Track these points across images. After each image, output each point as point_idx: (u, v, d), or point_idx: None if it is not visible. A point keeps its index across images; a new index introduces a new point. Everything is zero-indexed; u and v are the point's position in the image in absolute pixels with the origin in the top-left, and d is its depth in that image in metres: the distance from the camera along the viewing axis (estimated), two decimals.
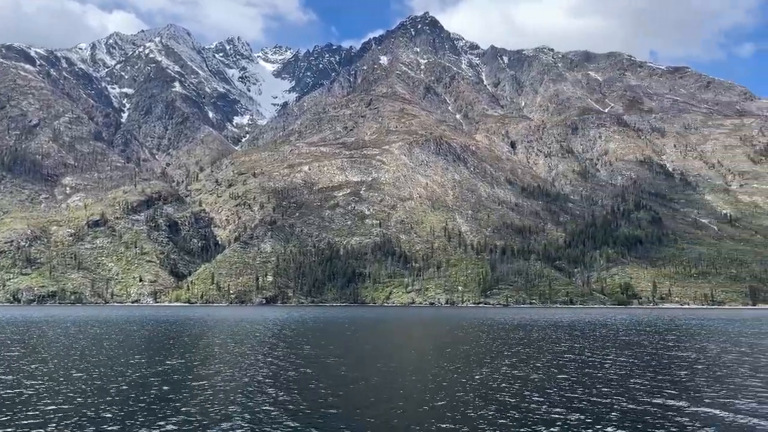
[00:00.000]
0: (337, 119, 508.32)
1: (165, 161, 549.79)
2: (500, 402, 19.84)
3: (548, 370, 27.97)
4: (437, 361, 32.47)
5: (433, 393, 21.61)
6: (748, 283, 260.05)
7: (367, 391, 21.99)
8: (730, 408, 18.73)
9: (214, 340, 46.32)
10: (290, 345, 42.09)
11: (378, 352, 37.87)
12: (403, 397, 20.71)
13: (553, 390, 22.20)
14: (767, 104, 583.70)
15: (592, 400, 19.93)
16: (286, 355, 34.73)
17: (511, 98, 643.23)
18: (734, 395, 21.25)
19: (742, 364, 31.21)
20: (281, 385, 23.27)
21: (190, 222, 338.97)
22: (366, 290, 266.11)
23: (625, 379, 24.82)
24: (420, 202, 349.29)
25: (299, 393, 21.56)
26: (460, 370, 28.05)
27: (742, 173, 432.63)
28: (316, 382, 24.17)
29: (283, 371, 27.58)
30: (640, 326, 74.34)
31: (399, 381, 24.66)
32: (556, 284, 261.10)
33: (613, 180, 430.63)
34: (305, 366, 29.66)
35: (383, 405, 19.33)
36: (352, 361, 32.11)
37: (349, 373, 27.08)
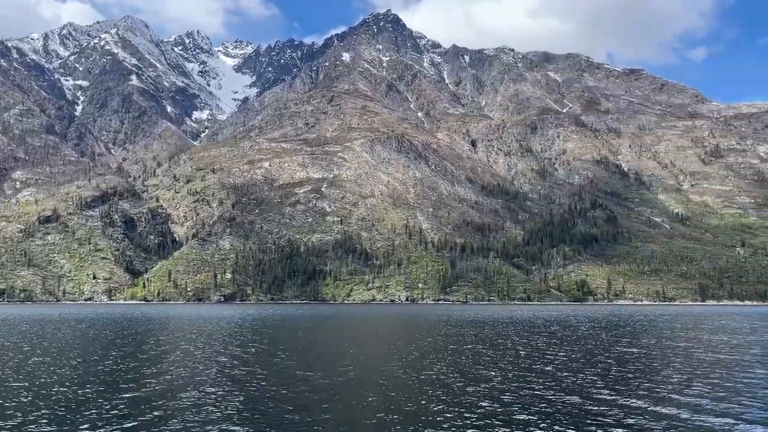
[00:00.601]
0: (298, 115, 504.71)
1: (121, 156, 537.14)
2: (445, 400, 19.84)
3: (495, 366, 28.18)
4: (390, 358, 32.41)
5: (383, 391, 21.51)
6: (698, 281, 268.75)
7: (317, 390, 21.74)
8: (658, 399, 19.14)
9: (162, 339, 45.34)
10: (242, 343, 41.49)
11: (331, 349, 37.62)
12: (352, 396, 20.53)
13: (496, 386, 22.34)
14: (717, 107, 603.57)
15: (534, 395, 20.12)
16: (237, 355, 34.18)
17: (472, 97, 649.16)
18: (666, 388, 21.74)
19: (676, 357, 32.04)
20: (226, 386, 22.82)
21: (146, 218, 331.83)
22: (327, 288, 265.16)
23: (563, 373, 25.17)
24: (381, 199, 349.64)
25: (245, 393, 21.17)
26: (411, 367, 28.03)
27: (693, 173, 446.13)
28: (264, 382, 23.80)
29: (231, 370, 27.09)
30: (590, 322, 75.87)
31: (350, 379, 24.47)
32: (514, 281, 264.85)
33: (570, 179, 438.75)
34: (255, 365, 29.21)
35: (333, 404, 19.12)
36: (304, 359, 31.78)
37: (300, 371, 26.76)
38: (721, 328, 62.58)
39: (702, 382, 23.65)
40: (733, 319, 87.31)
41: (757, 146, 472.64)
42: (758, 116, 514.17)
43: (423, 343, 42.60)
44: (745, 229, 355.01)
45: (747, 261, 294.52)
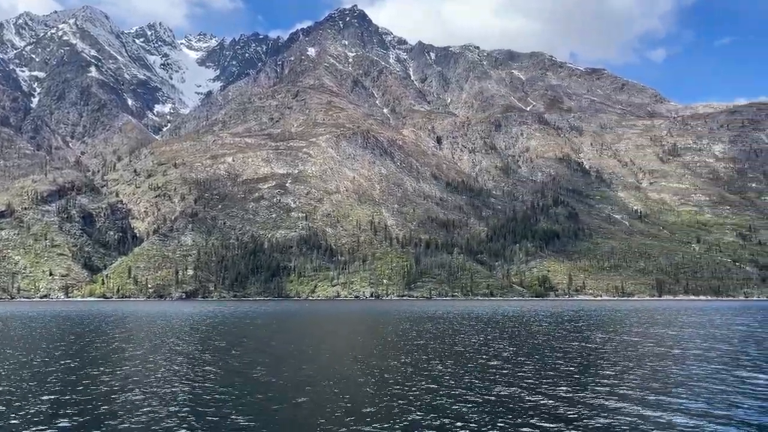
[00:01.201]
0: (262, 110, 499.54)
1: (80, 150, 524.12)
2: (393, 396, 19.70)
3: (448, 362, 28.19)
4: (346, 356, 32.18)
5: (338, 387, 21.26)
6: (655, 276, 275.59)
7: (264, 390, 21.36)
8: (599, 391, 19.35)
9: (116, 337, 44.22)
10: (196, 341, 40.73)
11: (287, 347, 37.18)
12: (307, 394, 20.22)
13: (448, 382, 22.31)
14: (675, 107, 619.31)
15: (481, 389, 20.13)
16: (188, 353, 33.48)
17: (437, 94, 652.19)
18: (606, 380, 22.03)
19: (626, 351, 32.60)
20: (172, 385, 22.26)
21: (105, 213, 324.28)
22: (291, 284, 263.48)
23: (511, 367, 25.31)
24: (347, 195, 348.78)
25: (190, 393, 20.66)
26: (367, 365, 27.85)
27: (652, 172, 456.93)
28: (212, 382, 23.31)
29: (180, 369, 26.47)
30: (546, 317, 76.94)
31: (308, 376, 24.15)
32: (477, 277, 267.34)
33: (533, 176, 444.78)
34: (206, 364, 28.63)
35: (279, 404, 18.79)
36: (257, 358, 31.30)
37: (250, 370, 26.30)
38: (670, 323, 64.11)
39: (641, 375, 24.03)
40: (685, 314, 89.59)
41: (713, 145, 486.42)
42: (714, 116, 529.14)
43: (382, 340, 42.49)
44: (701, 226, 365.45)
45: (702, 257, 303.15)
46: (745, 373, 24.40)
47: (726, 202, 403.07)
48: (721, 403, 18.19)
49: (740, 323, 62.96)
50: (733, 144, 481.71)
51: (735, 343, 38.81)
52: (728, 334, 46.95)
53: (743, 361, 28.50)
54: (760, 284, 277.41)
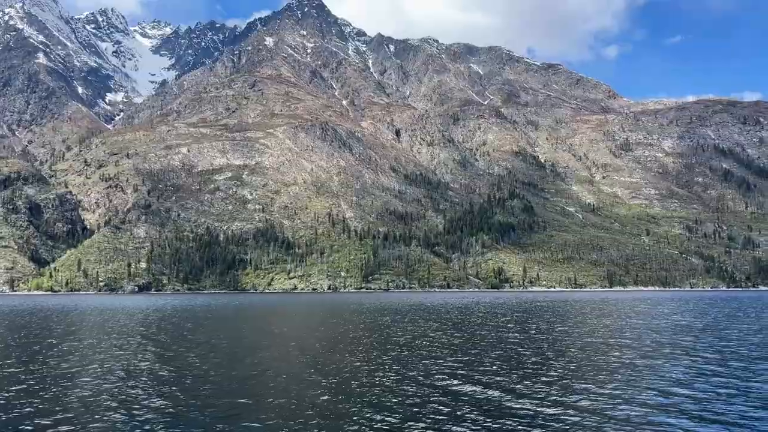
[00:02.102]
0: (218, 100, 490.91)
1: (27, 138, 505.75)
2: (334, 389, 19.60)
3: (394, 354, 28.25)
4: (291, 350, 31.93)
5: (280, 381, 21.03)
6: (606, 268, 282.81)
7: (214, 384, 20.97)
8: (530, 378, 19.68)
9: (56, 333, 42.86)
10: (145, 336, 39.83)
11: (234, 343, 36.68)
12: (249, 387, 19.92)
13: (385, 373, 22.33)
14: (627, 103, 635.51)
15: (417, 380, 20.20)
16: (139, 347, 32.68)
17: (396, 87, 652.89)
18: (545, 371, 22.43)
19: (553, 341, 33.31)
20: (107, 383, 21.66)
21: (54, 204, 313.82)
22: (247, 277, 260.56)
23: (447, 357, 25.51)
24: (305, 187, 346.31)
25: (141, 389, 20.12)
26: (313, 359, 27.67)
27: (605, 166, 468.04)
28: (149, 379, 22.77)
29: (115, 366, 25.80)
30: (490, 308, 78.07)
31: (251, 370, 23.82)
32: (434, 269, 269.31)
33: (490, 170, 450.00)
34: (146, 360, 27.99)
35: (230, 396, 18.46)
36: (200, 353, 30.77)
37: (190, 367, 25.83)
38: (610, 313, 65.81)
39: (568, 364, 24.55)
40: (622, 305, 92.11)
41: (662, 141, 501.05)
42: (663, 113, 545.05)
43: (332, 333, 42.35)
44: (650, 219, 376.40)
45: (651, 249, 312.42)
46: (657, 362, 25.20)
47: (674, 195, 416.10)
48: (632, 389, 18.68)
49: (667, 312, 65.09)
50: (682, 139, 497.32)
51: (656, 333, 40.04)
52: (653, 323, 48.44)
53: (655, 351, 29.42)
54: (704, 275, 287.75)
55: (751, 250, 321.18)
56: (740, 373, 21.73)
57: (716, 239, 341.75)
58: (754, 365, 23.84)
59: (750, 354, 27.46)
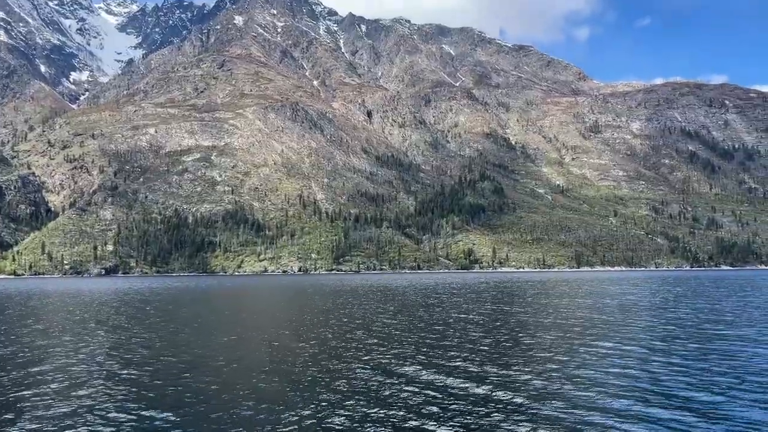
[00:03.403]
0: (186, 80, 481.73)
1: None
2: (292, 374, 19.44)
3: (349, 335, 28.21)
4: (252, 334, 31.69)
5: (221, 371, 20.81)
6: (574, 248, 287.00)
7: (157, 372, 20.63)
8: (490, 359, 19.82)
9: (23, 317, 41.89)
10: (102, 320, 39.12)
11: (198, 320, 36.25)
12: (203, 370, 19.65)
13: (347, 354, 22.27)
14: (597, 85, 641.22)
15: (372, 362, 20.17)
16: (95, 330, 32.05)
17: (368, 67, 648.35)
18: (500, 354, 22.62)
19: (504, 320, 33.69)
20: (80, 367, 21.18)
21: (16, 186, 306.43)
22: (216, 259, 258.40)
23: (402, 337, 25.58)
24: (275, 169, 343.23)
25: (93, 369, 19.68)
26: (277, 341, 27.47)
27: (574, 147, 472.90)
28: (105, 363, 22.35)
29: (86, 347, 25.26)
30: (454, 288, 78.73)
31: (211, 352, 23.51)
32: (405, 251, 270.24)
33: (461, 151, 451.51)
34: (103, 345, 27.47)
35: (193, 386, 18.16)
36: (159, 336, 30.32)
37: (148, 351, 25.43)
38: (565, 293, 66.85)
39: (527, 344, 24.81)
40: (582, 284, 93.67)
41: (631, 123, 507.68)
42: (632, 95, 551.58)
43: (298, 315, 42.16)
44: (618, 200, 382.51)
45: (618, 230, 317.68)
46: (593, 341, 25.61)
47: (641, 177, 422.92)
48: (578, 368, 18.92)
49: (626, 292, 66.39)
50: (649, 122, 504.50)
51: (608, 312, 40.75)
52: (602, 303, 49.31)
53: (598, 329, 29.91)
54: (669, 255, 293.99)
55: (714, 231, 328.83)
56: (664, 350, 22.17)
57: (681, 220, 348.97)
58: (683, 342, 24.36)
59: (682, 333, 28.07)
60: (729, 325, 30.49)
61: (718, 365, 19.23)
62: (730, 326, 30.10)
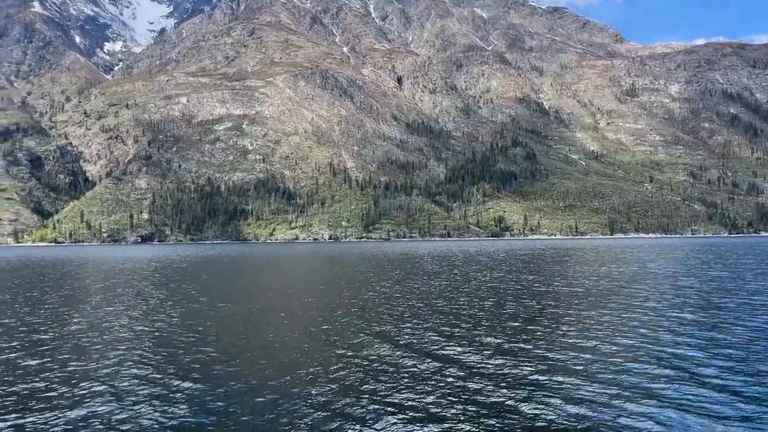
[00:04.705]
0: (217, 48, 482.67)
1: (25, 90, 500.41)
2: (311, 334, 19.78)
3: (371, 302, 28.44)
4: (283, 300, 32.18)
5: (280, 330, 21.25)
6: (608, 215, 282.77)
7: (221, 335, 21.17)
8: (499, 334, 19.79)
9: (75, 282, 43.34)
10: (158, 286, 40.19)
11: (241, 290, 36.99)
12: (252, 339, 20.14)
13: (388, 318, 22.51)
14: (634, 47, 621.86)
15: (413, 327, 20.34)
16: (149, 296, 32.97)
17: (398, 32, 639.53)
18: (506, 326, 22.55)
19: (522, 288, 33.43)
20: (136, 330, 21.91)
21: (55, 156, 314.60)
22: (249, 227, 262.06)
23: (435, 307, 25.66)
24: (305, 137, 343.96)
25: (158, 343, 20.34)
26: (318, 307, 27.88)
27: (609, 112, 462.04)
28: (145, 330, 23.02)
29: (128, 314, 26.07)
30: (470, 256, 78.38)
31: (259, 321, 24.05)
32: (435, 218, 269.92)
33: (493, 117, 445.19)
34: (155, 308, 28.27)
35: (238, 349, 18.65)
36: (206, 300, 31.02)
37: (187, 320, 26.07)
38: (597, 260, 65.99)
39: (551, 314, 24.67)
40: (619, 251, 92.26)
41: (669, 86, 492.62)
42: (671, 57, 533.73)
43: (330, 280, 42.66)
44: (654, 165, 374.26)
45: (653, 196, 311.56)
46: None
47: (679, 141, 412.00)
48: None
49: (646, 258, 65.21)
50: (689, 84, 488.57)
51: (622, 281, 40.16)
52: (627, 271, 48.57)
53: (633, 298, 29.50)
54: (706, 221, 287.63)
55: (755, 196, 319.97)
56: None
57: (720, 186, 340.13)
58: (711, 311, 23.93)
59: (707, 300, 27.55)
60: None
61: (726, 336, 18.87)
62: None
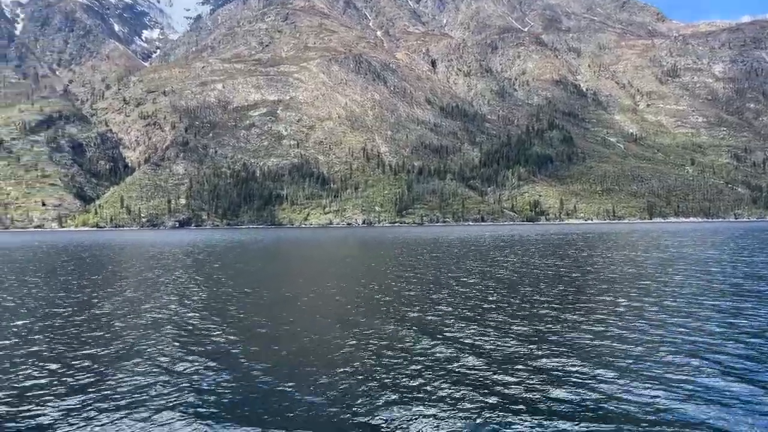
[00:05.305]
0: (252, 34, 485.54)
1: (67, 78, 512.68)
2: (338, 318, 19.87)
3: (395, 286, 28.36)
4: (328, 281, 32.40)
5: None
6: (647, 199, 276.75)
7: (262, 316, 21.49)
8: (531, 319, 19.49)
9: (120, 265, 44.50)
10: (197, 269, 40.99)
11: (275, 270, 37.43)
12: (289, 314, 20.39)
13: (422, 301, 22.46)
14: (676, 26, 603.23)
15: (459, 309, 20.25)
16: (184, 279, 33.65)
17: (432, 15, 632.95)
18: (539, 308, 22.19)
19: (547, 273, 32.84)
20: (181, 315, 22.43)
21: (96, 143, 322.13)
22: (283, 212, 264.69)
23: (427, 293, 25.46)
24: (339, 122, 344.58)
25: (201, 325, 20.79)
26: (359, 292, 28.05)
27: (650, 93, 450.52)
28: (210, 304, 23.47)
29: (177, 296, 26.66)
30: (500, 241, 77.44)
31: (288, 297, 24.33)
32: (469, 203, 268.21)
33: (529, 100, 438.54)
34: (203, 288, 28.83)
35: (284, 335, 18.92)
36: (250, 281, 31.48)
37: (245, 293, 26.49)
38: (627, 245, 64.56)
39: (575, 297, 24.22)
40: (651, 236, 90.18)
41: (713, 65, 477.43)
42: (715, 35, 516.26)
43: (368, 264, 42.84)
44: (696, 148, 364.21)
45: (695, 179, 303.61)
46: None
47: (723, 123, 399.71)
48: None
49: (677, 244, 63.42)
50: (734, 63, 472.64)
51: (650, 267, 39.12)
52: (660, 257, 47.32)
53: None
54: (751, 205, 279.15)
55: None
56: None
57: (766, 168, 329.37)
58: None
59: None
60: None
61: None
62: None
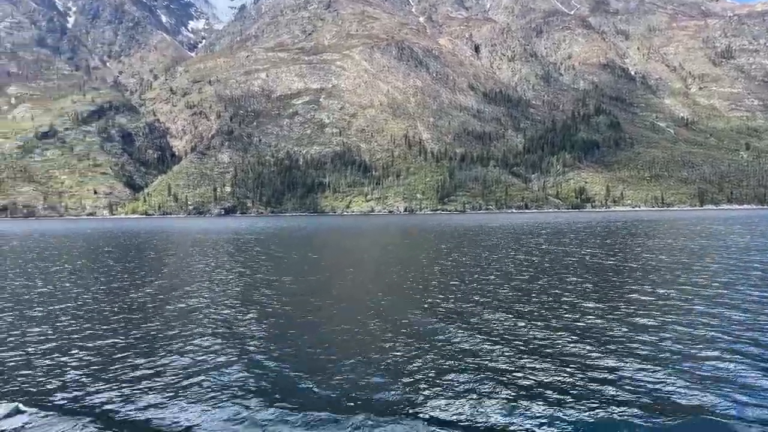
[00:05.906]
0: (295, 22, 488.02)
1: (117, 69, 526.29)
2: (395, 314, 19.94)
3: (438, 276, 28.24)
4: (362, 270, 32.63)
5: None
6: (698, 185, 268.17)
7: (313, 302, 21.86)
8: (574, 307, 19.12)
9: (177, 255, 45.80)
10: (239, 256, 41.86)
11: (318, 257, 37.88)
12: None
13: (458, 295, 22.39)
14: (731, 5, 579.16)
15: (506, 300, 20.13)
16: (243, 269, 34.43)
17: (476, 0, 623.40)
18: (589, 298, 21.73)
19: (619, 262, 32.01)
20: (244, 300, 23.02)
21: (144, 132, 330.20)
22: (326, 200, 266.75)
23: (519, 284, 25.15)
24: (381, 109, 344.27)
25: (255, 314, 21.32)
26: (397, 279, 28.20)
27: (702, 76, 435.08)
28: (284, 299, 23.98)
29: (240, 287, 27.31)
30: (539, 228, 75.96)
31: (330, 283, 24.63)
32: (512, 190, 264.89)
33: (575, 84, 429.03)
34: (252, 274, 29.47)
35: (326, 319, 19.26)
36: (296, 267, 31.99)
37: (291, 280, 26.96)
38: (671, 234, 62.55)
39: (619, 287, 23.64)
40: (700, 224, 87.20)
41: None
42: None
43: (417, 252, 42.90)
44: (752, 132, 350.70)
45: (749, 165, 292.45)
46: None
47: None
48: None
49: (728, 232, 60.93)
50: None
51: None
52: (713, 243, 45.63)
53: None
54: None
55: None
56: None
57: None
58: None
59: None
60: None
61: None
62: None
